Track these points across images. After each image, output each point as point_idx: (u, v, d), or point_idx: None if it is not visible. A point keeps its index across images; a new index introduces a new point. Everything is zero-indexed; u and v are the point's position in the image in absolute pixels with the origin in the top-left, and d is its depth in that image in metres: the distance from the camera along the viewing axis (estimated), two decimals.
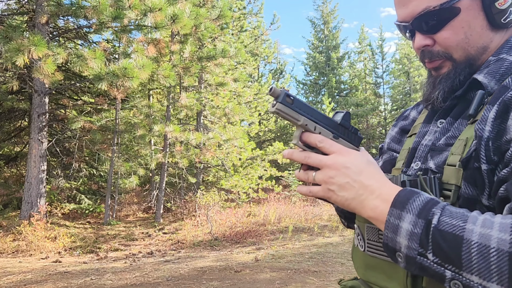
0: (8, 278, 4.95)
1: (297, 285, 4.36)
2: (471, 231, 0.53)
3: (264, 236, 8.45)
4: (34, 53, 6.15)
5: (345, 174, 0.64)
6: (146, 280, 4.68)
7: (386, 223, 0.60)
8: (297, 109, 0.67)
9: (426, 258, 0.56)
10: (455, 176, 0.66)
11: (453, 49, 0.73)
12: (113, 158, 10.00)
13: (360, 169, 0.64)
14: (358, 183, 0.63)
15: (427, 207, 0.57)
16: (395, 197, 0.60)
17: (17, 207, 10.05)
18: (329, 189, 0.65)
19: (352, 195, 0.63)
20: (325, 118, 0.70)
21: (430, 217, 0.56)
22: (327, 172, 0.65)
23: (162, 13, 7.65)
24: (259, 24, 20.66)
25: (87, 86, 10.46)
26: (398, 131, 0.94)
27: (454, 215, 0.55)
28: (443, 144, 0.72)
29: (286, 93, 0.67)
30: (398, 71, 23.47)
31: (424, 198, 0.59)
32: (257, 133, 19.59)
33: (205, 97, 12.02)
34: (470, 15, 0.70)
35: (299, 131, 0.69)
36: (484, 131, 0.62)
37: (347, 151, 0.66)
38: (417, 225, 0.56)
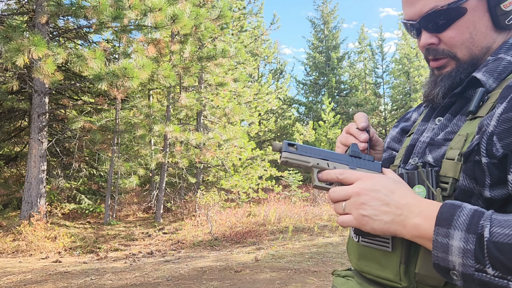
0: (8, 278, 4.95)
1: (297, 285, 4.36)
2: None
3: (264, 236, 8.44)
4: (34, 53, 6.15)
5: (376, 198, 0.63)
6: (146, 280, 4.68)
7: (434, 243, 0.58)
8: (304, 153, 0.69)
9: (485, 274, 0.54)
10: (453, 170, 0.66)
11: (457, 48, 0.74)
12: (113, 158, 10.00)
13: (390, 189, 0.63)
14: (393, 204, 0.62)
15: (474, 221, 0.56)
16: (438, 214, 0.59)
17: (17, 207, 10.05)
18: (363, 215, 0.63)
19: (390, 217, 0.62)
20: (335, 154, 0.71)
21: (480, 230, 0.54)
22: (356, 199, 0.64)
23: (162, 13, 7.64)
24: (259, 24, 20.66)
25: (87, 86, 10.46)
26: (399, 131, 0.95)
27: (504, 224, 0.54)
28: (442, 139, 0.73)
29: (287, 142, 0.70)
30: (398, 71, 23.46)
31: (468, 211, 0.57)
32: (257, 133, 19.59)
33: (205, 97, 12.02)
34: (476, 16, 0.72)
35: (315, 173, 0.69)
36: (489, 125, 0.63)
37: (371, 175, 0.66)
38: (468, 241, 0.55)
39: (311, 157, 0.70)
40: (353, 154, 0.72)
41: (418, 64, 21.60)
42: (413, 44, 21.95)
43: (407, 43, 22.09)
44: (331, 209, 11.38)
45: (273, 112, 22.91)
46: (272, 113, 22.86)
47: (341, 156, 0.71)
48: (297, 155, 0.69)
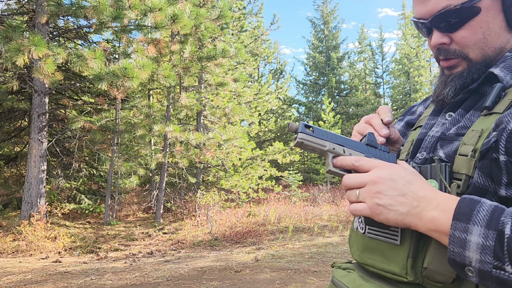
0: (8, 278, 4.95)
1: (297, 285, 4.36)
2: None
3: (264, 236, 8.44)
4: (34, 53, 6.15)
5: (392, 187, 0.61)
6: (146, 280, 4.68)
7: (451, 238, 0.57)
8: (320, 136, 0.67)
9: (503, 271, 0.53)
10: (466, 166, 0.65)
11: (470, 48, 0.72)
12: (113, 158, 10.00)
13: (408, 180, 0.62)
14: (410, 195, 0.61)
15: (494, 217, 0.54)
16: (456, 208, 0.57)
17: (17, 207, 10.05)
18: (378, 204, 0.61)
19: (407, 208, 0.60)
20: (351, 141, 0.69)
21: (501, 227, 0.53)
22: (372, 187, 0.62)
23: (162, 13, 7.64)
24: (259, 24, 20.66)
25: (87, 86, 10.46)
26: (404, 125, 0.94)
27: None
28: (454, 133, 0.72)
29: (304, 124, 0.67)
30: (398, 71, 23.47)
31: (488, 207, 0.56)
32: (257, 133, 19.60)
33: (205, 97, 12.02)
34: (490, 16, 0.70)
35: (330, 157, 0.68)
36: (510, 123, 0.61)
37: (388, 164, 0.64)
38: (488, 237, 0.53)
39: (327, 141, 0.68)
40: (370, 143, 0.70)
41: (418, 64, 21.61)
42: (413, 44, 21.96)
43: (407, 43, 22.10)
44: (331, 209, 11.38)
45: (273, 112, 22.92)
46: (272, 113, 22.86)
47: (358, 144, 0.69)
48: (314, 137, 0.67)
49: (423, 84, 21.69)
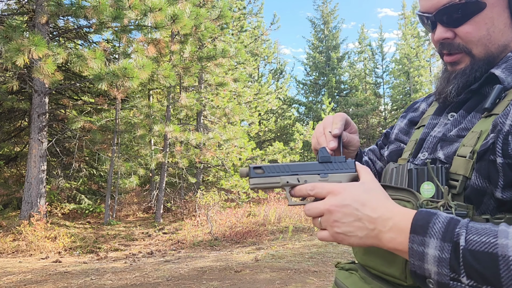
0: (8, 278, 4.95)
1: (297, 285, 4.36)
2: (505, 246, 0.50)
3: (264, 236, 8.44)
4: (34, 53, 6.15)
5: (347, 214, 0.61)
6: (146, 280, 4.68)
7: (410, 251, 0.57)
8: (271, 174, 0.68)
9: (460, 283, 0.53)
10: (464, 167, 0.65)
11: (473, 44, 0.72)
12: (113, 158, 10.00)
13: (361, 201, 0.61)
14: (365, 218, 0.61)
15: (450, 228, 0.55)
16: (413, 222, 0.58)
17: (17, 207, 10.05)
18: (338, 233, 0.62)
19: (364, 232, 0.61)
20: (304, 165, 0.70)
21: (456, 238, 0.53)
22: (328, 217, 0.63)
23: (162, 13, 7.64)
24: (259, 24, 20.66)
25: (87, 86, 10.46)
26: (407, 122, 0.94)
27: (481, 232, 0.53)
28: (455, 135, 0.72)
29: (253, 167, 0.69)
30: (398, 71, 23.48)
31: (444, 219, 0.56)
32: (257, 133, 19.60)
33: (205, 97, 12.02)
34: (495, 12, 0.70)
35: (287, 191, 0.69)
36: (505, 124, 0.61)
37: (341, 188, 0.63)
38: (444, 250, 0.54)
39: (280, 176, 0.69)
40: (323, 160, 0.70)
41: (418, 64, 21.61)
42: (413, 44, 21.97)
43: (407, 43, 22.10)
44: None
45: (273, 112, 22.91)
46: (272, 113, 22.86)
47: (312, 166, 0.70)
48: (265, 178, 0.68)
49: (423, 84, 21.69)
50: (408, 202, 0.67)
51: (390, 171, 0.79)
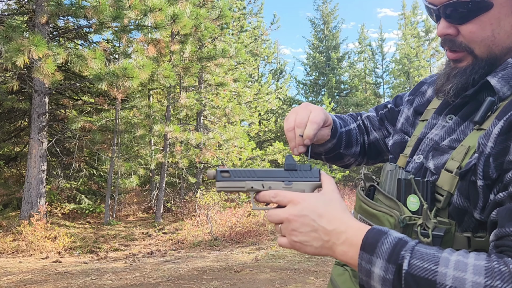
0: (8, 278, 4.95)
1: (297, 285, 4.36)
2: (444, 275, 0.52)
3: (264, 236, 8.45)
4: (34, 53, 6.15)
5: (305, 224, 0.62)
6: (146, 280, 4.68)
7: (359, 267, 0.59)
8: (237, 178, 0.71)
9: None
10: (449, 183, 0.65)
11: (476, 44, 0.69)
12: (113, 158, 10.00)
13: (319, 213, 0.63)
14: (320, 230, 0.62)
15: (396, 250, 0.56)
16: (364, 239, 0.59)
17: (17, 207, 10.05)
18: (295, 241, 0.64)
19: (319, 243, 0.62)
20: (270, 172, 0.72)
21: (400, 261, 0.55)
22: (287, 225, 0.64)
23: (162, 13, 7.64)
24: (259, 24, 20.66)
25: (87, 86, 10.46)
26: (413, 113, 0.91)
27: (425, 257, 0.54)
28: (446, 146, 0.72)
29: (220, 170, 0.71)
30: (398, 71, 23.48)
31: (392, 240, 0.57)
32: (257, 133, 19.59)
33: (205, 97, 12.02)
34: (502, 13, 0.66)
35: (252, 196, 0.71)
36: (486, 146, 0.60)
37: (300, 198, 0.65)
38: (388, 271, 0.55)
39: (245, 181, 0.71)
40: (288, 167, 0.71)
41: (418, 64, 21.61)
42: (413, 44, 21.97)
43: (407, 43, 22.11)
44: None
45: (273, 112, 22.91)
46: (272, 113, 22.86)
47: (276, 173, 0.71)
48: (231, 182, 0.71)
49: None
50: (391, 217, 0.68)
51: (386, 173, 0.79)
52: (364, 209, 0.75)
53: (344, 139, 1.00)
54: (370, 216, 0.73)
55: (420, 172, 0.75)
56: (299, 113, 0.83)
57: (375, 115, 1.07)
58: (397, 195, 0.72)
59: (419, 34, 22.47)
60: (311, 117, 0.81)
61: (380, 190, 0.76)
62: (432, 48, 22.39)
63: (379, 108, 1.07)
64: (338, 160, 1.04)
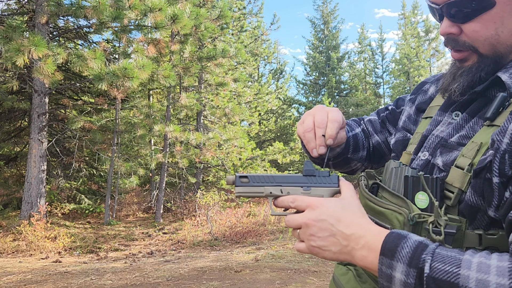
0: (8, 278, 4.95)
1: (297, 285, 4.36)
2: (467, 277, 0.51)
3: (264, 236, 8.45)
4: (34, 53, 6.15)
5: (322, 229, 0.62)
6: (146, 280, 4.68)
7: (379, 272, 0.58)
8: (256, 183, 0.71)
9: None
10: (460, 180, 0.64)
11: (480, 43, 0.68)
12: (113, 158, 10.00)
13: (337, 217, 0.63)
14: (339, 235, 0.62)
15: (416, 254, 0.55)
16: (383, 244, 0.59)
17: (17, 207, 10.05)
18: (313, 246, 0.64)
19: (338, 248, 0.62)
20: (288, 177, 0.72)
21: (421, 264, 0.54)
22: (305, 230, 0.64)
23: (162, 13, 7.64)
24: (259, 24, 20.66)
25: (87, 86, 10.46)
26: (415, 111, 0.91)
27: (446, 260, 0.54)
28: (455, 142, 0.70)
29: (239, 175, 0.72)
30: (398, 71, 23.48)
31: (412, 243, 0.57)
32: (257, 133, 19.59)
33: (205, 97, 12.02)
34: (506, 11, 0.65)
35: (270, 201, 0.72)
36: (502, 143, 0.59)
37: (319, 203, 0.65)
38: (409, 275, 0.55)
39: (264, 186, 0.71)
40: (307, 173, 0.72)
41: (418, 64, 21.61)
42: (413, 44, 21.97)
43: (407, 43, 22.11)
44: None
45: (273, 112, 22.91)
46: (272, 113, 22.86)
47: (295, 178, 0.72)
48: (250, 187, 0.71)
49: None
50: (400, 214, 0.67)
51: (389, 170, 0.78)
52: (371, 207, 0.74)
53: (351, 143, 0.99)
54: (377, 214, 0.72)
55: (426, 169, 0.74)
56: (317, 114, 0.82)
57: (377, 118, 1.07)
58: (404, 192, 0.71)
59: (419, 34, 22.47)
60: (331, 116, 0.81)
61: (385, 187, 0.75)
62: (432, 48, 22.39)
63: (381, 111, 1.07)
64: (345, 165, 1.03)
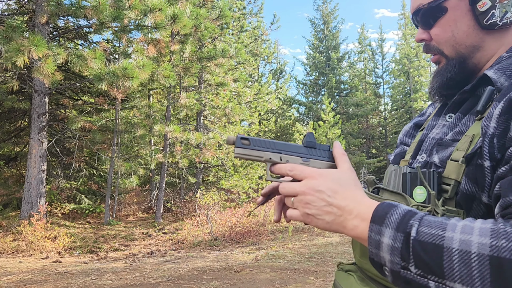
0: (8, 278, 4.95)
1: (297, 285, 4.36)
2: (451, 239, 0.52)
3: (264, 236, 8.45)
4: (34, 53, 6.15)
5: (319, 198, 0.64)
6: (146, 280, 4.68)
7: (369, 239, 0.60)
8: (257, 147, 0.70)
9: (409, 271, 0.55)
10: (456, 171, 0.67)
11: (443, 45, 0.77)
12: (113, 158, 10.00)
13: (334, 190, 0.64)
14: (335, 205, 0.64)
15: (405, 220, 0.57)
16: (374, 212, 0.60)
17: (17, 207, 10.05)
18: (308, 214, 0.65)
19: (331, 217, 0.64)
20: (289, 146, 0.71)
21: (409, 229, 0.56)
22: (302, 198, 0.65)
23: (162, 13, 7.64)
24: (259, 24, 20.66)
25: (87, 86, 10.46)
26: (412, 126, 0.96)
27: (433, 225, 0.55)
28: (450, 139, 0.73)
29: (241, 136, 0.70)
30: (398, 71, 23.48)
31: (402, 211, 0.58)
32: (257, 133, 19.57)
33: (205, 97, 12.02)
34: (457, 15, 0.74)
35: (268, 166, 0.71)
36: (489, 127, 0.62)
37: (319, 174, 0.66)
38: (396, 239, 0.56)
39: (264, 151, 0.70)
40: (308, 144, 0.71)
41: (418, 64, 21.61)
42: (413, 44, 21.97)
43: (407, 43, 22.11)
44: None
45: (273, 112, 22.91)
46: (272, 113, 22.86)
47: (296, 148, 0.71)
48: (250, 150, 0.70)
49: (423, 84, 21.68)
50: None
51: (389, 173, 0.81)
52: None
53: None
54: None
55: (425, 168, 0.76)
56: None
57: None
58: (403, 189, 0.73)
59: None
60: None
61: (385, 188, 0.77)
62: None
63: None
64: None
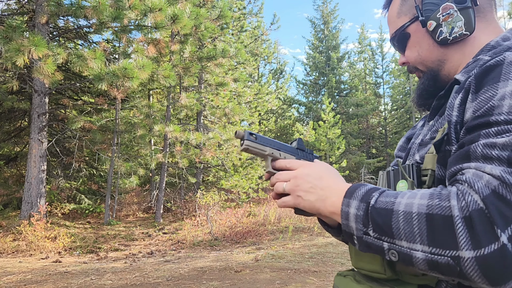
0: (8, 278, 4.95)
1: (297, 285, 4.36)
2: (399, 203, 0.61)
3: (264, 236, 8.45)
4: (34, 53, 6.15)
5: (307, 181, 0.75)
6: (146, 280, 4.68)
7: (341, 212, 0.69)
8: (262, 143, 0.81)
9: (369, 236, 0.63)
10: (431, 162, 0.73)
11: (416, 64, 0.89)
12: (113, 158, 10.00)
13: (320, 175, 0.76)
14: (319, 187, 0.74)
15: (368, 193, 0.66)
16: (347, 190, 0.70)
17: (17, 207, 10.05)
18: (297, 196, 0.76)
19: (316, 197, 0.74)
20: (285, 146, 0.85)
21: (370, 199, 0.64)
22: (294, 181, 0.77)
23: (162, 13, 7.64)
24: (259, 24, 20.66)
25: (87, 86, 10.46)
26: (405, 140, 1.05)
27: (389, 194, 0.64)
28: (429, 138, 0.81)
29: (249, 132, 0.80)
30: (398, 71, 23.47)
31: (369, 187, 0.68)
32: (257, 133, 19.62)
33: (205, 97, 12.02)
34: (418, 37, 0.86)
35: (269, 160, 0.82)
36: (452, 116, 0.71)
37: (309, 164, 0.79)
38: (360, 209, 0.65)
39: (267, 147, 0.81)
40: (299, 147, 0.87)
41: None
42: None
43: None
44: None
45: (273, 112, 22.91)
46: (272, 113, 22.86)
47: (290, 148, 0.85)
48: (257, 144, 0.80)
49: None
50: None
51: (380, 177, 0.89)
52: None
53: None
54: None
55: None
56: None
57: None
58: (388, 185, 0.82)
59: None
60: None
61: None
62: None
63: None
64: None
